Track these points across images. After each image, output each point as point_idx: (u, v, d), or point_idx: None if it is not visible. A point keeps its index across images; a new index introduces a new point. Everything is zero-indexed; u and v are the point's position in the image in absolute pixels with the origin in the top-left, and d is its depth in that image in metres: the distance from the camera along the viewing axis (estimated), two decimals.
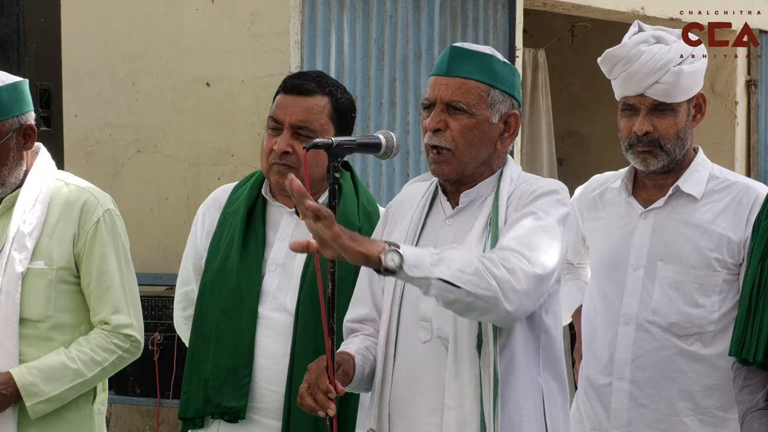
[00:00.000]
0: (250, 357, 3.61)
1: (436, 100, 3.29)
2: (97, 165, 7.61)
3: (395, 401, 3.31)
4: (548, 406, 3.27)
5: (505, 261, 3.06)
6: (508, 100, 3.31)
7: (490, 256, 3.07)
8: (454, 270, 2.99)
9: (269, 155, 3.64)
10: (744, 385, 3.32)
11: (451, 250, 3.06)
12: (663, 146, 3.78)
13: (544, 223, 3.18)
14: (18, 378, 3.76)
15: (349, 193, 3.72)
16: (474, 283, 3.00)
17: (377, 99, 7.44)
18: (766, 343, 3.22)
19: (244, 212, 3.70)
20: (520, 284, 3.05)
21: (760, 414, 3.25)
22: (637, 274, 3.81)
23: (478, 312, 3.06)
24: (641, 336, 3.76)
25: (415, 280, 2.99)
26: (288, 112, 3.63)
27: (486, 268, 3.03)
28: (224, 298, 3.66)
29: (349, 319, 3.48)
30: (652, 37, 3.82)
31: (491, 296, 3.02)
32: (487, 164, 3.32)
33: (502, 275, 3.03)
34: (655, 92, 3.76)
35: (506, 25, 8.26)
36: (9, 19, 5.13)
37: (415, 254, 2.98)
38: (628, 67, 3.78)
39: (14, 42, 5.13)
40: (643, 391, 3.76)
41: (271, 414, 3.61)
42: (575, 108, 10.54)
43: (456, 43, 3.37)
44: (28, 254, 3.83)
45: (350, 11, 7.29)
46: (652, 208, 3.84)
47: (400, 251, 2.96)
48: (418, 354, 3.27)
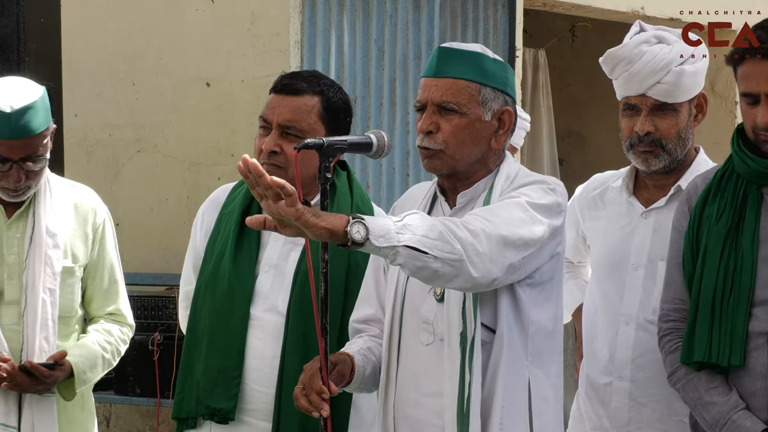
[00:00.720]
0: (240, 358, 3.61)
1: (427, 102, 3.29)
2: (97, 165, 7.61)
3: (400, 404, 3.31)
4: (535, 399, 3.25)
5: (467, 223, 3.04)
6: (501, 97, 3.31)
7: (452, 219, 3.05)
8: (419, 236, 2.96)
9: (260, 155, 3.63)
10: (710, 387, 3.32)
11: (413, 215, 3.01)
12: (664, 146, 3.77)
13: (519, 201, 3.16)
14: (74, 365, 4.05)
15: (343, 192, 3.71)
16: (439, 248, 2.97)
17: (377, 99, 7.44)
18: (741, 345, 3.24)
19: (239, 213, 3.70)
20: (482, 246, 3.02)
21: (745, 414, 3.26)
22: (638, 273, 3.81)
23: (445, 279, 3.03)
24: (642, 336, 3.76)
25: (381, 250, 2.95)
26: (276, 111, 3.62)
27: (449, 229, 3.00)
28: (217, 298, 3.66)
29: (354, 319, 3.48)
30: (653, 37, 3.82)
31: (456, 259, 2.99)
32: (482, 162, 3.32)
33: (464, 236, 3.00)
34: (657, 92, 3.76)
35: (506, 25, 8.25)
36: (9, 19, 5.13)
37: (379, 224, 2.95)
38: (630, 68, 3.78)
39: (14, 42, 5.13)
40: (644, 390, 3.75)
41: (261, 415, 3.61)
42: (575, 108, 10.54)
43: (444, 44, 3.37)
44: (61, 253, 4.04)
45: (350, 11, 7.29)
46: (653, 207, 3.84)
47: (365, 222, 2.92)
48: (421, 356, 3.28)
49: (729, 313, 3.27)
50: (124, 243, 7.54)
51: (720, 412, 3.28)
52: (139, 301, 6.71)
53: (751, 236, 3.29)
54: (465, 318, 3.18)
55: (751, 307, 3.26)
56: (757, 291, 3.26)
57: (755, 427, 3.23)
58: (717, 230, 3.33)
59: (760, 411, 3.26)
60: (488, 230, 3.04)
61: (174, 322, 6.50)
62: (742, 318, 3.26)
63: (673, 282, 3.45)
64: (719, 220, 3.34)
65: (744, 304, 3.26)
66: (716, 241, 3.32)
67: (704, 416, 3.33)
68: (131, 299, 6.71)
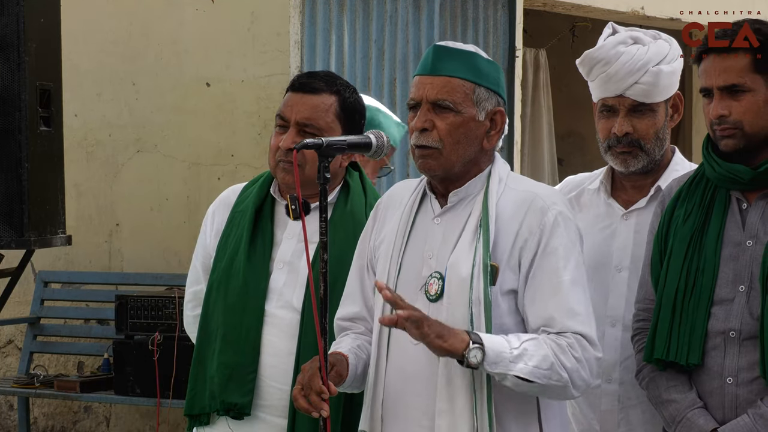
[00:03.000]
0: (255, 354, 3.61)
1: (421, 100, 3.28)
2: (97, 165, 7.61)
3: (388, 402, 3.30)
4: (543, 408, 3.28)
5: (573, 350, 3.19)
6: (494, 98, 3.31)
7: (560, 344, 3.18)
8: (531, 367, 3.13)
9: (276, 153, 3.65)
10: (670, 386, 3.37)
11: (530, 341, 3.15)
12: (643, 147, 3.78)
13: (574, 273, 3.24)
14: None
15: (357, 191, 3.72)
16: (547, 377, 3.15)
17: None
18: (700, 345, 3.29)
19: (252, 211, 3.71)
20: (587, 372, 3.21)
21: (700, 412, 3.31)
22: (621, 275, 3.81)
23: (545, 396, 3.25)
24: (628, 337, 3.76)
25: (493, 373, 3.13)
26: (294, 109, 3.64)
27: (558, 361, 3.16)
28: (230, 295, 3.66)
29: (339, 317, 3.47)
30: (629, 38, 3.82)
31: (561, 386, 3.18)
32: (475, 162, 3.31)
33: (572, 366, 3.18)
34: (635, 93, 3.76)
35: (506, 25, 8.26)
36: (9, 19, 5.14)
37: (495, 350, 3.11)
38: (607, 68, 3.77)
39: (14, 42, 5.14)
40: (632, 392, 3.75)
41: (277, 412, 3.61)
42: (575, 108, 10.54)
43: (440, 42, 3.37)
44: None
45: (350, 11, 7.29)
46: (633, 209, 3.84)
47: (483, 348, 3.09)
48: (410, 355, 3.26)
49: (689, 312, 3.33)
50: (124, 243, 7.58)
51: (677, 410, 3.34)
52: (139, 301, 6.71)
53: (715, 238, 3.35)
54: (473, 326, 3.18)
55: (711, 307, 3.32)
56: (717, 290, 3.31)
57: (707, 426, 3.28)
58: (683, 232, 3.39)
59: (716, 410, 3.31)
60: (590, 356, 3.21)
61: (174, 322, 6.50)
62: (701, 317, 3.31)
63: (645, 283, 3.53)
64: (686, 221, 3.40)
65: (704, 304, 3.32)
66: (681, 242, 3.38)
67: (663, 414, 3.40)
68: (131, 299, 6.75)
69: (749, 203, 3.36)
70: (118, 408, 7.52)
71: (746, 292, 3.29)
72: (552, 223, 3.24)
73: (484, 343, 3.09)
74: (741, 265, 3.31)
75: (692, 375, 3.37)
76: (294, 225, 3.67)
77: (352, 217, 3.65)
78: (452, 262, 3.23)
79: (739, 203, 3.37)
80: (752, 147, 3.33)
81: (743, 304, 3.29)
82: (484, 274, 3.18)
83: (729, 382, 3.30)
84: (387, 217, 3.41)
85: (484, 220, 3.23)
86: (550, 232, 3.23)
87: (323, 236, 3.21)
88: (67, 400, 7.26)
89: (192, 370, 3.73)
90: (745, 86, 3.30)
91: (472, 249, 3.22)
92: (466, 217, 3.28)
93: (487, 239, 3.21)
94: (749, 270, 3.30)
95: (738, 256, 3.32)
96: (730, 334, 3.29)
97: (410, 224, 3.34)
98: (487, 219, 3.23)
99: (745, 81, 3.30)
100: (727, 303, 3.31)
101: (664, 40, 3.82)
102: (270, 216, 3.73)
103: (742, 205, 3.37)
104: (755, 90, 3.30)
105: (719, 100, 3.33)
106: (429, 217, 3.34)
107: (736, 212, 3.37)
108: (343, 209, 3.67)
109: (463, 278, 3.20)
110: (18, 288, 6.01)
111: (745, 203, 3.37)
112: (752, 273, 3.29)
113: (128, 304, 6.72)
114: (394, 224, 3.36)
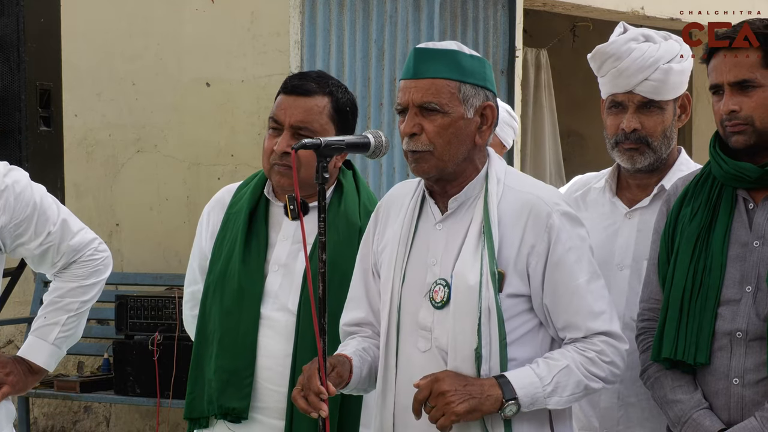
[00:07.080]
0: (252, 357, 3.62)
1: (408, 104, 3.27)
2: (97, 165, 7.61)
3: (399, 410, 3.29)
4: (554, 415, 3.29)
5: (603, 356, 3.26)
6: (482, 93, 3.29)
7: (589, 357, 3.24)
8: (566, 398, 3.23)
9: (270, 156, 3.64)
10: (675, 386, 3.37)
11: (560, 373, 3.21)
12: (650, 144, 3.79)
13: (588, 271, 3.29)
14: None
15: (351, 191, 3.71)
16: (582, 395, 3.28)
17: (377, 99, 7.45)
18: (707, 344, 3.29)
19: (246, 213, 3.71)
20: (619, 369, 3.30)
21: (705, 413, 3.30)
22: (623, 274, 3.81)
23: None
24: (629, 335, 3.76)
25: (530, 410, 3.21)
26: (288, 112, 3.63)
27: (591, 374, 3.24)
28: (226, 299, 3.66)
29: (345, 322, 3.46)
30: (641, 35, 3.84)
31: (597, 389, 3.30)
32: (470, 161, 3.30)
33: (606, 374, 3.27)
34: (645, 89, 3.77)
35: (506, 25, 8.26)
36: (9, 19, 5.13)
37: (528, 395, 3.17)
38: (618, 64, 3.79)
39: (14, 42, 5.13)
40: (632, 390, 3.75)
41: (275, 414, 3.61)
42: (575, 108, 10.54)
43: (420, 45, 3.35)
44: None
45: (350, 11, 7.29)
46: (636, 207, 3.85)
47: (518, 402, 3.16)
48: (418, 363, 3.25)
49: (697, 312, 3.32)
50: (124, 243, 7.58)
51: (682, 410, 3.34)
52: (139, 301, 6.71)
53: (722, 237, 3.35)
54: (480, 335, 3.18)
55: (718, 307, 3.32)
56: (724, 291, 3.31)
57: (713, 427, 3.27)
58: (690, 230, 3.39)
59: (722, 411, 3.30)
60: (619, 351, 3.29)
61: (174, 322, 6.50)
62: (709, 317, 3.31)
63: (650, 282, 3.52)
64: (692, 220, 3.40)
65: (711, 304, 3.31)
66: (688, 241, 3.38)
67: (668, 414, 3.39)
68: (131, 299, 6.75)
69: (756, 203, 3.36)
70: (118, 408, 7.52)
71: (753, 293, 3.29)
72: (558, 226, 3.24)
73: (516, 392, 3.15)
74: (748, 266, 3.31)
75: (698, 375, 3.37)
76: (288, 226, 3.67)
77: (345, 218, 3.65)
78: (458, 270, 3.22)
79: (746, 203, 3.37)
80: (763, 143, 3.32)
81: (750, 305, 3.29)
82: (492, 281, 3.18)
83: (735, 383, 3.29)
84: (388, 220, 3.41)
85: (486, 227, 3.22)
86: (557, 236, 3.23)
87: (322, 236, 3.20)
88: (67, 400, 7.27)
89: (190, 373, 3.74)
90: (756, 81, 3.30)
91: (478, 256, 3.21)
92: (468, 223, 3.27)
93: (492, 246, 3.20)
94: (756, 271, 3.30)
95: (745, 257, 3.32)
96: (737, 334, 3.29)
97: (412, 231, 3.33)
98: (490, 226, 3.22)
99: (755, 76, 3.30)
100: (734, 303, 3.31)
101: (674, 40, 3.85)
102: (264, 218, 3.72)
103: (748, 204, 3.37)
104: (766, 85, 3.31)
105: (730, 96, 3.32)
106: (431, 223, 3.33)
107: (742, 212, 3.37)
108: (336, 210, 3.67)
109: (470, 286, 3.19)
110: (18, 288, 6.01)
111: (751, 203, 3.37)
112: (759, 274, 3.29)
113: (128, 304, 6.73)
114: (396, 230, 3.35)
